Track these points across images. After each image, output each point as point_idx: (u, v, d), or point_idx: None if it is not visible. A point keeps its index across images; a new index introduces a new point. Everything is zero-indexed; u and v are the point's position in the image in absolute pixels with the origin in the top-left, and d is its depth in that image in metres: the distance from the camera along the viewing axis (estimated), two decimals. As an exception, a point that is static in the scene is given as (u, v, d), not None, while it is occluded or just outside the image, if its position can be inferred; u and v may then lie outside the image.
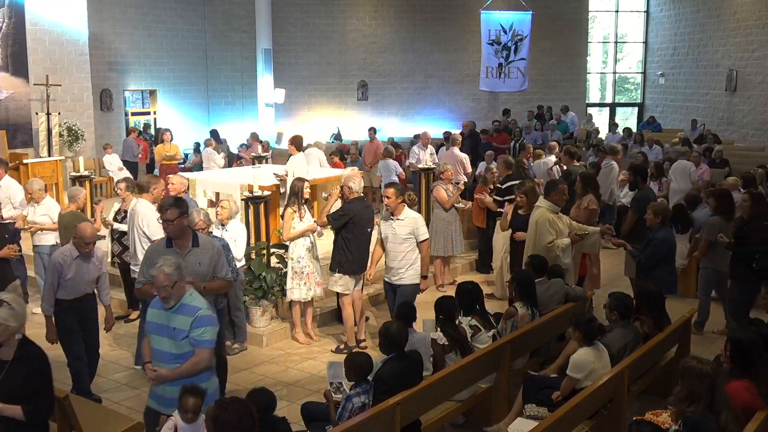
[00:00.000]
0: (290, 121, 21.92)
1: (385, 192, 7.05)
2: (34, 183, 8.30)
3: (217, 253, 5.37)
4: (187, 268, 4.96)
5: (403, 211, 7.06)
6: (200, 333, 4.43)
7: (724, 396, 4.36)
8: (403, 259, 7.03)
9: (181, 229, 5.18)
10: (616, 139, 17.90)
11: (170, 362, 4.49)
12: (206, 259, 5.28)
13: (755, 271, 6.97)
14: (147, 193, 7.26)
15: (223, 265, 5.42)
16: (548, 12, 21.65)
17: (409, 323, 5.72)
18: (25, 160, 12.16)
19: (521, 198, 7.88)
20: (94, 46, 17.08)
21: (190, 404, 4.33)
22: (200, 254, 5.26)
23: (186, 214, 5.20)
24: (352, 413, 4.77)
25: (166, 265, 4.45)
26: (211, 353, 4.51)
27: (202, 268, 5.24)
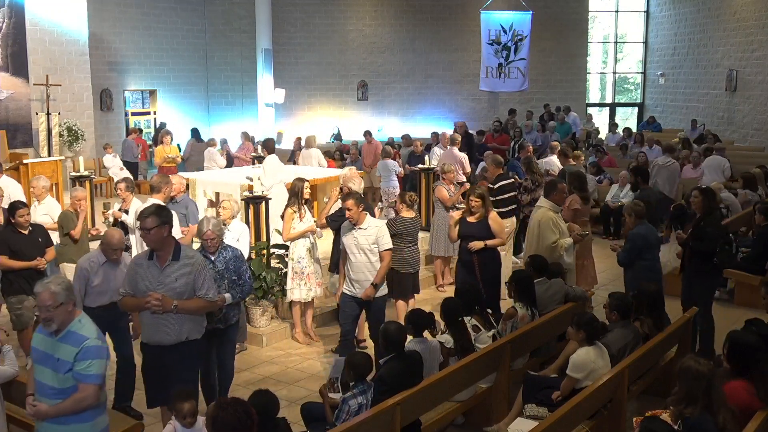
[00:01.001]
0: (290, 121, 21.93)
1: (346, 204, 6.46)
2: (41, 180, 8.32)
3: (199, 270, 4.95)
4: (163, 283, 4.82)
5: (366, 220, 6.53)
6: (85, 366, 3.93)
7: (722, 396, 4.36)
8: (370, 270, 6.50)
9: (160, 240, 4.85)
10: (616, 140, 17.93)
11: (52, 397, 4.01)
12: (184, 275, 4.88)
13: (715, 266, 7.06)
14: (159, 193, 7.27)
15: (206, 282, 4.97)
16: (548, 12, 21.65)
17: (420, 332, 5.65)
18: (25, 160, 12.13)
19: (476, 202, 7.27)
20: (94, 46, 17.09)
21: (185, 409, 4.32)
22: (179, 269, 4.89)
23: (167, 224, 4.88)
24: (349, 415, 4.77)
25: (54, 282, 4.02)
26: (97, 390, 4.00)
27: (179, 285, 4.87)
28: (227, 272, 5.67)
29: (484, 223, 7.22)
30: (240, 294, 5.76)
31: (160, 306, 4.77)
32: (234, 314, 5.84)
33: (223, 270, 5.65)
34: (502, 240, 7.40)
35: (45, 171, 11.53)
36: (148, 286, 4.85)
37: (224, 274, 5.65)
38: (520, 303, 6.38)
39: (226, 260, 5.70)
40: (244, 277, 5.78)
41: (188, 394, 4.44)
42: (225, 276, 5.65)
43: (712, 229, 7.02)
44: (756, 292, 7.96)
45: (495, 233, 7.25)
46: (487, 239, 7.17)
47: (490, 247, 7.24)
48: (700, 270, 7.08)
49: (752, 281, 8.65)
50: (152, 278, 4.88)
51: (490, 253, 7.30)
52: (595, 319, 5.66)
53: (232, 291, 5.64)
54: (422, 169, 11.13)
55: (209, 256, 5.63)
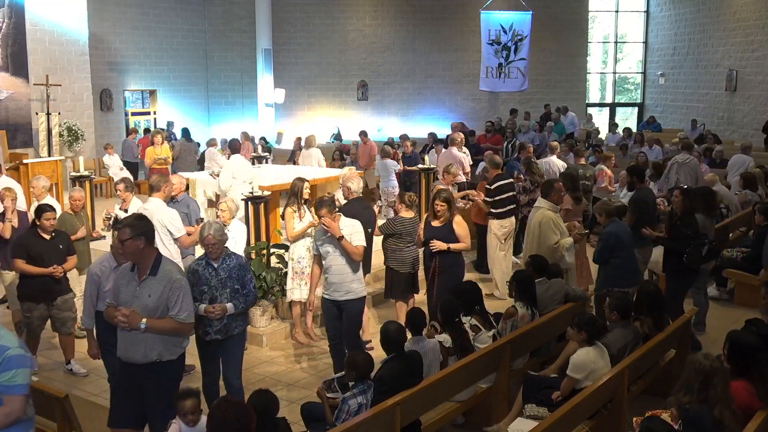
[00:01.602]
0: (290, 121, 21.94)
1: (320, 213, 6.35)
2: (41, 180, 8.30)
3: (174, 287, 4.64)
4: (137, 297, 4.61)
5: (341, 221, 6.43)
6: (9, 377, 3.63)
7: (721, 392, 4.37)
8: (347, 273, 6.36)
9: (136, 252, 4.61)
10: (616, 140, 17.92)
11: None
12: (158, 291, 4.61)
13: (687, 266, 7.15)
14: (159, 192, 7.27)
15: (180, 301, 4.65)
16: (548, 12, 21.65)
17: (420, 331, 5.65)
18: (25, 160, 12.15)
19: (441, 206, 7.04)
20: (94, 46, 17.10)
21: (187, 407, 4.32)
22: (154, 285, 4.63)
23: (144, 235, 4.61)
24: (348, 415, 4.77)
25: None
26: (24, 401, 3.68)
27: (151, 301, 4.60)
28: (230, 281, 5.47)
29: (448, 227, 7.05)
30: (243, 304, 5.52)
31: (126, 322, 4.56)
32: (237, 325, 5.56)
33: (225, 278, 5.46)
34: (466, 245, 7.15)
35: (45, 171, 11.54)
36: (125, 299, 4.66)
37: (226, 282, 5.45)
38: (520, 303, 6.38)
39: (229, 268, 5.49)
40: (248, 286, 5.55)
41: (189, 392, 4.44)
42: (227, 285, 5.45)
43: (686, 229, 7.16)
44: (756, 292, 7.97)
45: (459, 237, 7.05)
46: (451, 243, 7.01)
47: (454, 252, 7.06)
48: (674, 269, 7.26)
49: (752, 281, 8.66)
50: (130, 291, 4.68)
51: (453, 259, 7.09)
52: (595, 319, 5.66)
53: (234, 301, 5.44)
54: (422, 169, 11.13)
55: (212, 263, 5.45)
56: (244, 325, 5.74)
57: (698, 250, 7.10)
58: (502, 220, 9.39)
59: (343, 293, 6.37)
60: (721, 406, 4.32)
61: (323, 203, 6.38)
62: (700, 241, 7.14)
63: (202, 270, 5.44)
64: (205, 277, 5.41)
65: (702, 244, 7.13)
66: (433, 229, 7.12)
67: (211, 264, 5.45)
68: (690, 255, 7.11)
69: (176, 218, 7.10)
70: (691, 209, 7.36)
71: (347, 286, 6.37)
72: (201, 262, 5.50)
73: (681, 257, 7.15)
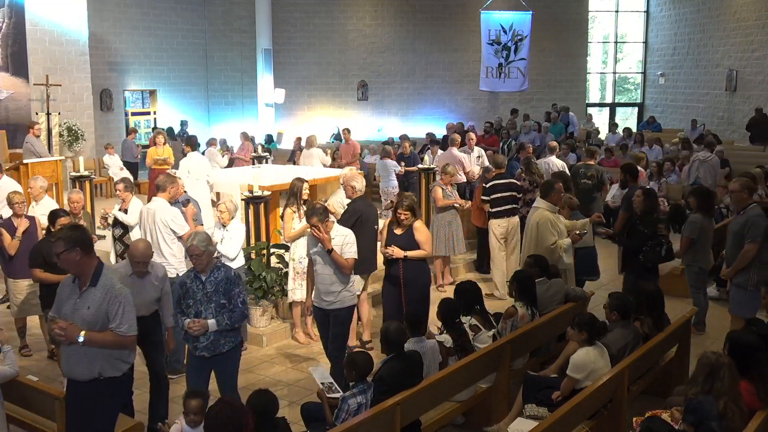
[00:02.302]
0: (290, 121, 21.94)
1: (311, 221, 6.15)
2: (38, 180, 8.32)
3: (114, 299, 4.38)
4: (77, 310, 4.37)
5: (334, 230, 6.28)
6: None
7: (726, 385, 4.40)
8: (337, 282, 6.20)
9: (73, 264, 4.36)
10: (616, 140, 17.92)
11: None
12: (96, 303, 4.37)
13: (642, 264, 7.22)
14: (164, 192, 7.26)
15: (120, 314, 4.38)
16: (548, 12, 21.65)
17: (419, 332, 5.64)
18: (25, 160, 12.14)
19: (405, 215, 6.67)
20: (94, 46, 17.09)
21: (192, 406, 4.33)
22: (93, 296, 4.38)
23: (78, 245, 4.32)
24: (348, 414, 4.77)
25: None
26: None
27: (90, 314, 4.35)
28: (215, 295, 5.19)
29: (409, 234, 6.73)
30: (228, 320, 5.18)
31: (63, 336, 4.30)
32: (225, 342, 5.26)
33: (211, 292, 5.19)
34: (425, 252, 6.78)
35: (45, 171, 11.53)
36: (67, 312, 4.41)
37: (212, 296, 5.19)
38: (520, 302, 6.38)
39: (216, 281, 5.20)
40: (236, 301, 5.22)
41: (195, 392, 4.45)
42: (213, 299, 5.19)
43: (645, 228, 7.24)
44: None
45: (420, 244, 6.71)
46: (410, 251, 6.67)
47: (416, 260, 6.71)
48: (631, 268, 7.37)
49: (752, 281, 8.64)
50: (71, 304, 4.43)
51: (416, 267, 6.75)
52: (596, 319, 5.66)
53: (218, 317, 5.16)
54: (421, 169, 11.13)
55: (200, 276, 5.22)
56: (236, 341, 5.41)
57: (656, 249, 7.16)
58: (499, 220, 9.40)
59: (330, 302, 6.22)
60: (727, 400, 4.36)
61: (315, 212, 6.18)
62: (658, 241, 7.20)
63: (190, 283, 5.24)
64: (192, 290, 5.22)
65: (659, 244, 7.19)
66: (394, 236, 6.78)
67: (199, 277, 5.23)
68: (646, 254, 7.17)
69: (178, 216, 7.11)
70: (652, 209, 7.43)
71: (335, 295, 6.20)
72: (190, 274, 5.29)
73: (638, 256, 7.21)
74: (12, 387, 5.17)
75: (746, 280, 6.75)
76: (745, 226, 6.75)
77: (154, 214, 7.04)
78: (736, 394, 4.46)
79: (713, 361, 4.47)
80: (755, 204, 6.94)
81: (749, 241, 6.67)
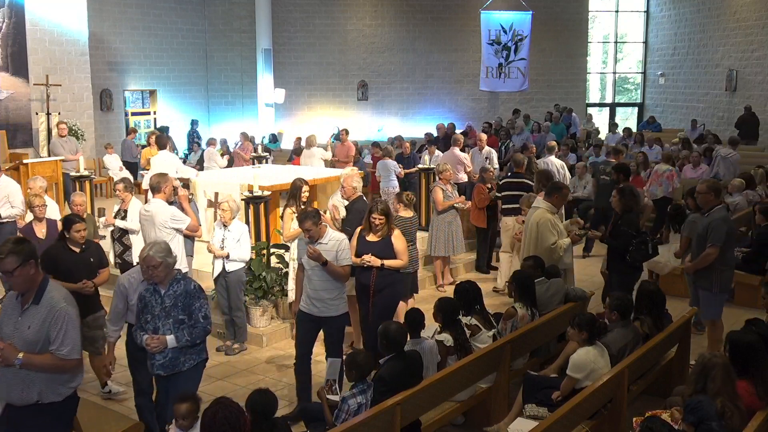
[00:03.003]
0: (290, 121, 21.93)
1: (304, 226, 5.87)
2: (37, 180, 8.23)
3: (56, 318, 4.03)
4: (18, 329, 4.06)
5: (326, 234, 5.95)
6: None
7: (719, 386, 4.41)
8: (328, 289, 5.90)
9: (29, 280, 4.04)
10: (616, 140, 17.91)
11: None
12: (38, 323, 4.03)
13: (631, 264, 7.22)
14: (160, 192, 7.25)
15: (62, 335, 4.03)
16: (548, 12, 21.65)
17: (418, 332, 5.63)
18: (25, 160, 12.15)
19: (379, 220, 6.34)
20: (94, 46, 17.09)
21: (181, 410, 4.32)
22: (35, 315, 4.05)
23: (31, 258, 4.04)
24: (348, 415, 4.77)
25: None
26: None
27: (30, 333, 4.03)
28: (174, 309, 4.84)
29: (386, 242, 6.38)
30: (188, 337, 4.83)
31: None
32: (186, 360, 4.91)
33: (170, 307, 4.84)
34: (403, 261, 6.50)
35: (45, 171, 11.54)
36: (8, 332, 4.08)
37: (170, 311, 4.84)
38: (520, 303, 6.38)
39: (175, 295, 4.85)
40: (197, 316, 4.85)
41: (186, 396, 4.44)
42: (171, 314, 4.84)
43: (627, 228, 7.24)
44: (756, 292, 7.98)
45: (397, 254, 6.40)
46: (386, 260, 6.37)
47: (390, 270, 6.39)
48: (617, 267, 7.36)
49: (752, 281, 8.66)
50: (12, 322, 4.10)
51: (390, 276, 6.43)
52: (596, 319, 5.67)
53: (177, 333, 4.82)
54: (421, 169, 11.13)
55: (159, 289, 4.87)
56: (198, 359, 5.01)
57: (641, 248, 7.16)
58: (506, 217, 9.55)
59: (322, 309, 5.92)
60: (723, 399, 4.36)
61: (307, 216, 5.90)
62: (642, 239, 7.21)
63: (149, 296, 4.91)
64: (151, 304, 4.88)
65: (644, 242, 7.20)
66: (367, 244, 6.41)
67: (158, 290, 4.88)
68: (633, 253, 7.16)
69: (177, 213, 7.12)
70: (630, 207, 7.41)
71: (329, 302, 5.91)
72: (149, 287, 4.94)
73: (624, 256, 7.19)
74: None
75: (710, 283, 6.77)
76: (708, 228, 6.74)
77: (153, 216, 7.04)
78: (732, 394, 4.45)
79: (706, 361, 4.50)
80: (721, 206, 6.97)
81: (710, 245, 6.65)
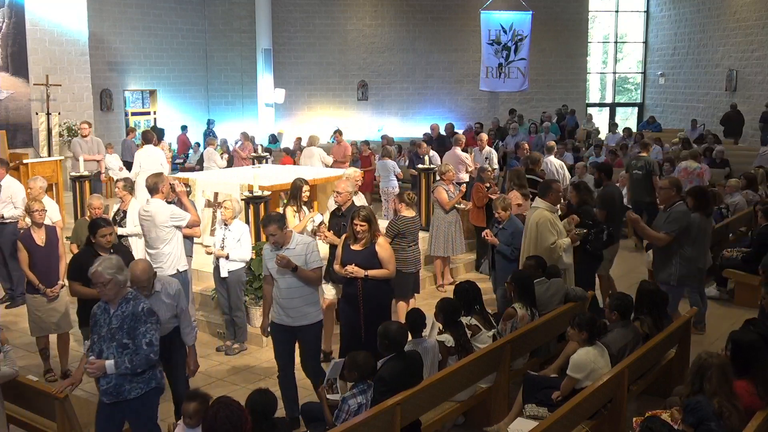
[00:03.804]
0: (290, 121, 21.94)
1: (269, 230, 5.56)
2: (38, 180, 8.21)
3: None
4: None
5: (292, 239, 5.66)
6: None
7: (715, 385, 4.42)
8: (301, 295, 5.63)
9: None
10: (616, 140, 17.92)
11: None
12: None
13: (590, 253, 7.60)
14: (158, 193, 7.23)
15: None
16: (548, 12, 21.65)
17: (419, 332, 5.62)
18: (25, 160, 12.15)
19: (361, 227, 6.00)
20: (94, 46, 17.09)
21: (190, 409, 4.32)
22: None
23: None
24: (348, 415, 4.77)
25: None
26: None
27: None
28: (119, 332, 4.46)
29: (370, 251, 6.04)
30: (128, 364, 4.42)
31: None
32: (132, 388, 4.51)
33: (115, 329, 4.46)
34: (389, 271, 6.13)
35: (45, 171, 11.54)
36: None
37: (115, 333, 4.46)
38: (520, 303, 6.38)
39: (123, 316, 4.46)
40: (140, 341, 4.43)
41: (195, 394, 4.44)
42: (116, 337, 4.46)
43: (585, 219, 7.63)
44: (756, 292, 7.97)
45: (382, 262, 6.06)
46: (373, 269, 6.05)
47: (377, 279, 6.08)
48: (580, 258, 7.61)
49: (752, 281, 8.66)
50: None
51: (376, 287, 6.10)
52: (596, 319, 5.66)
53: (119, 358, 4.43)
54: (422, 170, 11.13)
55: (109, 308, 4.51)
56: (146, 388, 4.56)
57: (599, 236, 7.60)
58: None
59: (297, 317, 5.63)
60: (721, 399, 4.37)
61: (271, 220, 5.60)
62: (599, 228, 7.64)
63: (100, 315, 4.56)
64: (99, 323, 4.54)
65: (601, 230, 7.64)
66: (351, 252, 6.08)
67: (108, 309, 4.53)
68: (592, 243, 7.57)
69: (176, 212, 7.05)
70: (586, 201, 7.88)
71: (302, 309, 5.62)
72: (101, 305, 4.58)
73: (584, 247, 7.55)
74: (12, 387, 5.17)
75: (669, 276, 7.06)
76: (667, 219, 7.07)
77: (153, 216, 7.03)
78: (729, 393, 4.45)
79: (702, 362, 4.52)
80: (681, 201, 7.23)
81: (665, 232, 6.99)
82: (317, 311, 5.81)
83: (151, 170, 9.62)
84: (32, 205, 6.97)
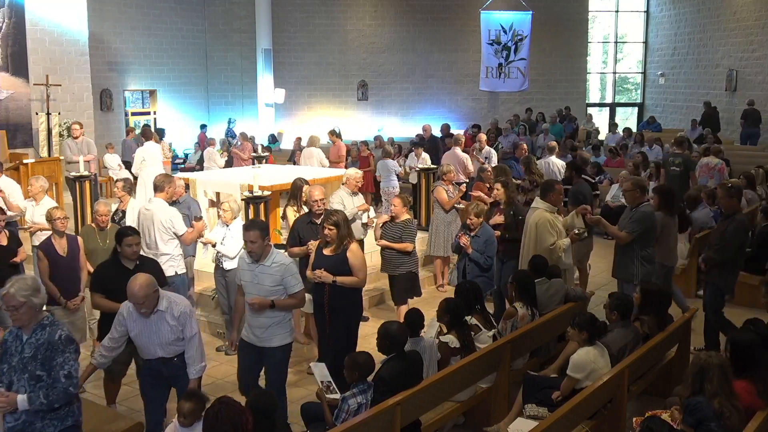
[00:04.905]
0: (290, 121, 21.93)
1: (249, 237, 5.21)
2: (39, 180, 8.15)
3: None
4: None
5: (271, 256, 5.28)
6: None
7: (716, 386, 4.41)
8: (269, 315, 5.29)
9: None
10: (616, 140, 17.92)
11: None
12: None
13: None
14: (162, 192, 7.23)
15: None
16: (548, 12, 21.64)
17: (417, 332, 5.62)
18: (25, 160, 12.15)
19: (330, 231, 5.86)
20: (94, 46, 17.08)
21: (185, 408, 4.33)
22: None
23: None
24: (348, 414, 4.76)
25: None
26: None
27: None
28: (32, 362, 3.92)
29: (341, 257, 5.88)
30: (44, 399, 3.88)
31: None
32: (44, 426, 3.97)
33: (28, 358, 3.93)
34: (358, 279, 5.95)
35: (45, 171, 11.54)
36: None
37: (28, 364, 3.93)
38: (520, 303, 6.38)
39: (37, 344, 3.94)
40: (57, 373, 3.90)
41: (192, 394, 4.44)
42: (28, 368, 3.92)
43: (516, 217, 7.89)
44: (756, 292, 7.96)
45: (353, 269, 5.87)
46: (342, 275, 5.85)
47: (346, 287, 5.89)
48: None
49: (752, 281, 8.66)
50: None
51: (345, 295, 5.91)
52: (596, 319, 5.66)
53: (32, 392, 3.89)
54: (421, 169, 11.13)
55: (21, 335, 4.00)
56: (61, 426, 4.01)
57: None
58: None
59: (263, 337, 5.33)
60: (721, 399, 4.37)
61: (254, 225, 5.32)
62: None
63: (11, 342, 4.03)
64: (10, 351, 4.01)
65: None
66: (323, 258, 5.90)
67: (20, 336, 4.00)
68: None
69: (177, 216, 7.08)
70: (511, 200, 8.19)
71: (269, 330, 5.30)
72: (14, 330, 4.05)
73: None
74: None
75: (631, 274, 7.11)
76: (630, 219, 7.09)
77: (152, 215, 7.03)
78: (729, 393, 4.45)
79: (702, 361, 4.51)
80: (647, 203, 7.24)
81: (626, 231, 7.02)
82: (285, 334, 5.38)
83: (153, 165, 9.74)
84: (53, 212, 6.52)
